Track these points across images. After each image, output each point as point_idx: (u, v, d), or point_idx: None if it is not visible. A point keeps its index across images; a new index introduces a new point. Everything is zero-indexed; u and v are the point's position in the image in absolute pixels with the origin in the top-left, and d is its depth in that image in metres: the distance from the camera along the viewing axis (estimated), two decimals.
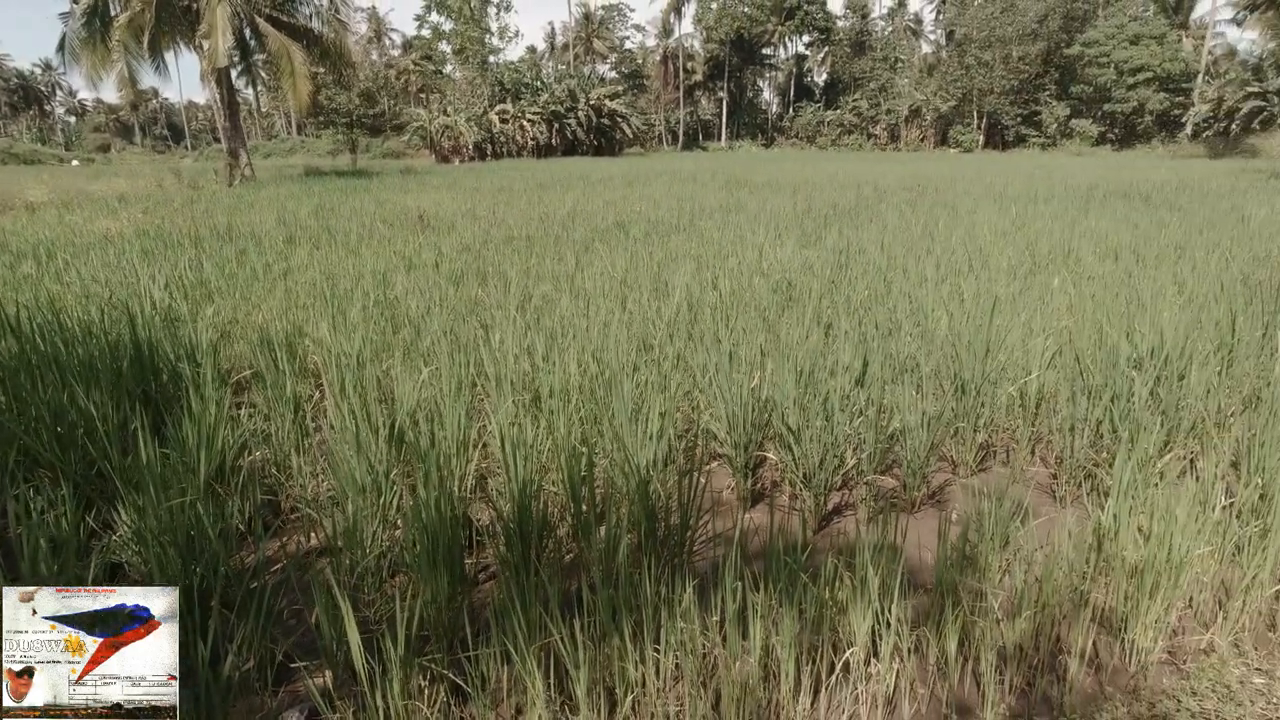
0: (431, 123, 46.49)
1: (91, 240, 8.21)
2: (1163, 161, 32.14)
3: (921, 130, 59.07)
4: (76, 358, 3.35)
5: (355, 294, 5.04)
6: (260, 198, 14.44)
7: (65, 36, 19.33)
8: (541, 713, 1.65)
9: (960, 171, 22.46)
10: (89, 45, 18.40)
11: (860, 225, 8.92)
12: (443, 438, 2.62)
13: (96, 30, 18.32)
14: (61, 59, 19.79)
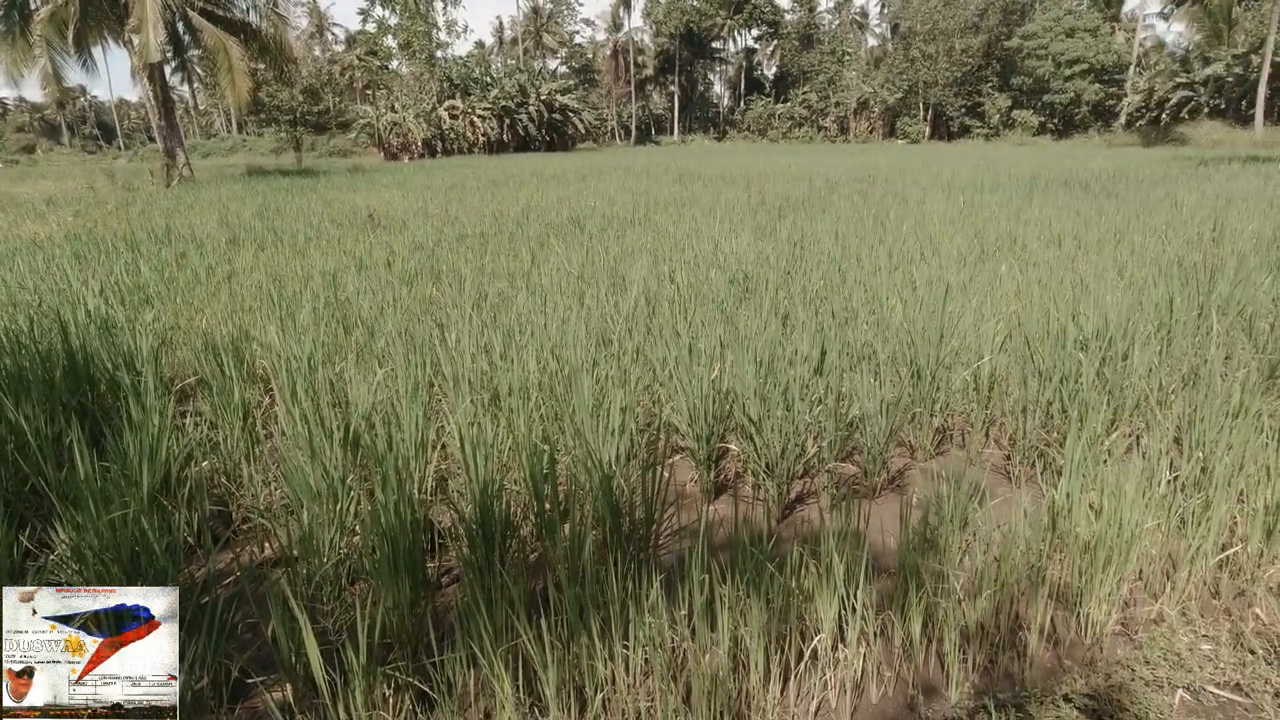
0: (379, 120, 45.52)
1: (17, 246, 7.82)
2: (1099, 150, 33.31)
3: (870, 122, 60.14)
4: (4, 369, 3.18)
5: (304, 296, 4.90)
6: (200, 199, 13.96)
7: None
8: (511, 716, 1.61)
9: (909, 162, 22.91)
10: (8, 40, 17.46)
11: (814, 216, 9.02)
12: (400, 440, 2.55)
13: (15, 24, 17.39)
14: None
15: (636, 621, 1.81)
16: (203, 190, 16.50)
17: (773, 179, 15.94)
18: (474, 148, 47.92)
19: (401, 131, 45.40)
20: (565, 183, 16.11)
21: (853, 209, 9.71)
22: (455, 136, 47.39)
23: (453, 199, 12.84)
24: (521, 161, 31.12)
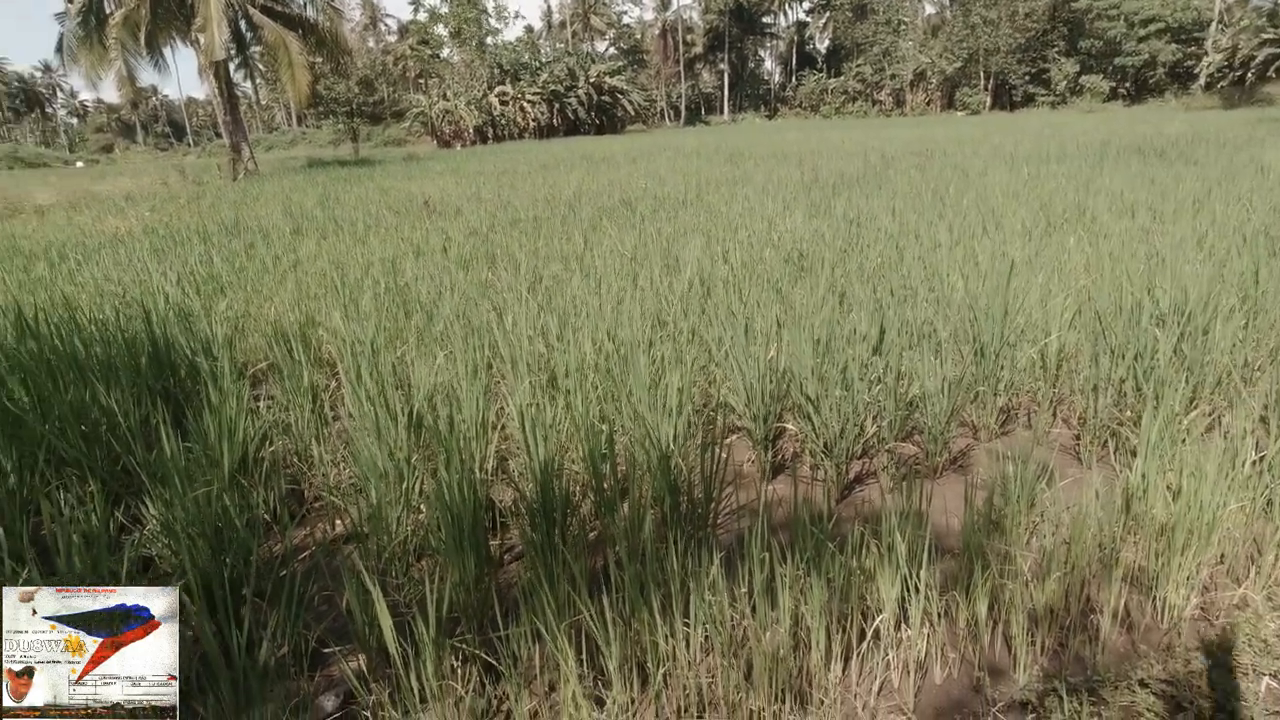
0: (431, 108, 46.22)
1: (101, 240, 8.25)
2: (1176, 115, 31.49)
3: (927, 94, 58.20)
4: (95, 357, 3.37)
5: (365, 282, 5.04)
6: (265, 191, 14.44)
7: (62, 37, 19.29)
8: (575, 689, 1.65)
9: (968, 134, 22.11)
10: (86, 44, 18.34)
11: (869, 193, 8.81)
12: (461, 421, 2.61)
13: (93, 29, 18.25)
14: (60, 60, 19.77)
15: (696, 599, 1.82)
16: (267, 183, 17.07)
17: (826, 155, 15.61)
18: (524, 133, 48.26)
19: (453, 119, 46.02)
20: (615, 165, 16.09)
21: (910, 184, 9.44)
22: (506, 122, 47.80)
23: (505, 184, 12.97)
24: (571, 145, 31.21)
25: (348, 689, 1.94)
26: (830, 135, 26.63)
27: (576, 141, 37.09)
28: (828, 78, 64.93)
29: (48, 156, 53.10)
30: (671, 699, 1.79)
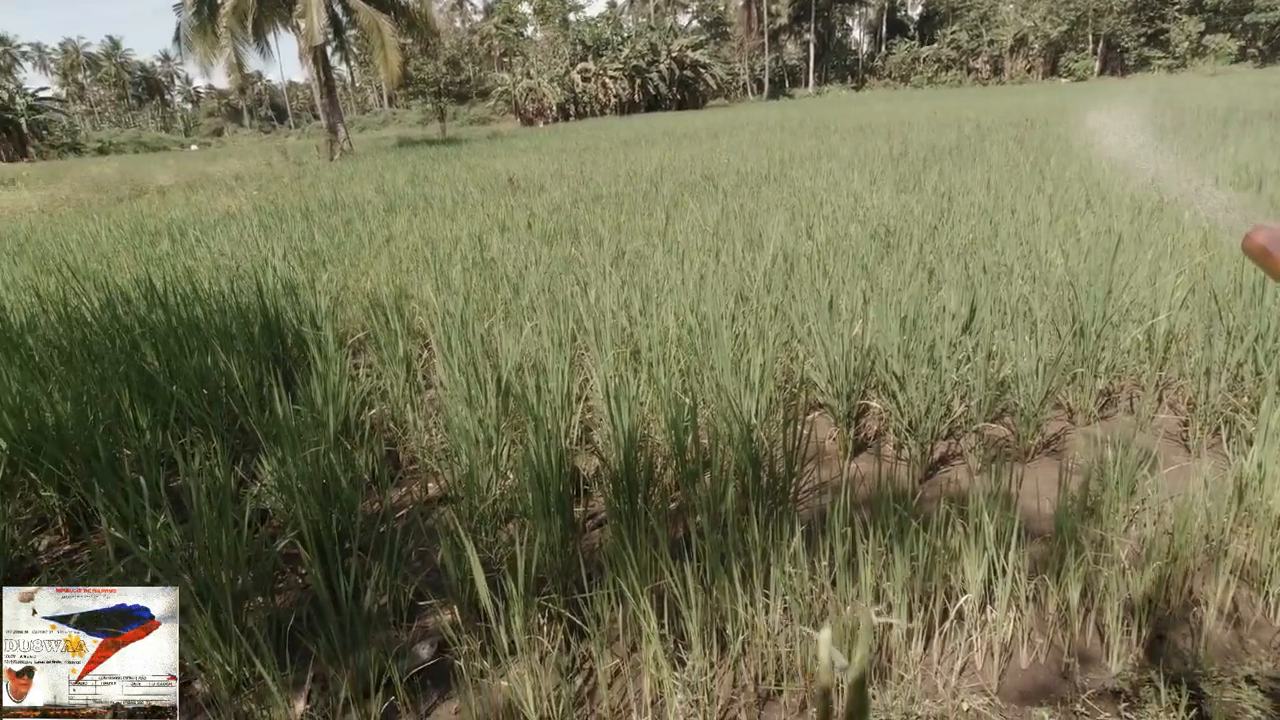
0: (515, 86, 46.89)
1: (216, 218, 8.82)
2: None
3: (1028, 60, 54.88)
4: (214, 325, 3.64)
5: (454, 257, 5.22)
6: (359, 170, 15.06)
7: (179, 27, 20.58)
8: (657, 650, 1.71)
9: (1073, 102, 20.77)
10: (200, 33, 19.52)
11: (962, 166, 8.44)
12: (548, 391, 2.70)
13: (206, 18, 19.40)
14: (178, 49, 21.11)
15: (777, 570, 1.84)
16: (361, 162, 17.78)
17: (917, 127, 15.00)
18: (605, 109, 48.36)
19: (536, 96, 46.56)
20: (697, 140, 15.96)
21: (1007, 156, 8.98)
22: (588, 99, 48.02)
23: (586, 160, 13.08)
24: (652, 121, 31.06)
25: (441, 639, 2.06)
26: (921, 106, 25.53)
27: (657, 117, 36.89)
28: (920, 46, 62.07)
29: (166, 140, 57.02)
30: (750, 666, 1.83)
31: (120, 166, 21.34)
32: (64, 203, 13.63)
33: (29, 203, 13.24)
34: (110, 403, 2.92)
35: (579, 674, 1.92)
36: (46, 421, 2.70)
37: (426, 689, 1.93)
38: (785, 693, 1.79)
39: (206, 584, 1.94)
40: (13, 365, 3.05)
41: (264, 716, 1.77)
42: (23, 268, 6.06)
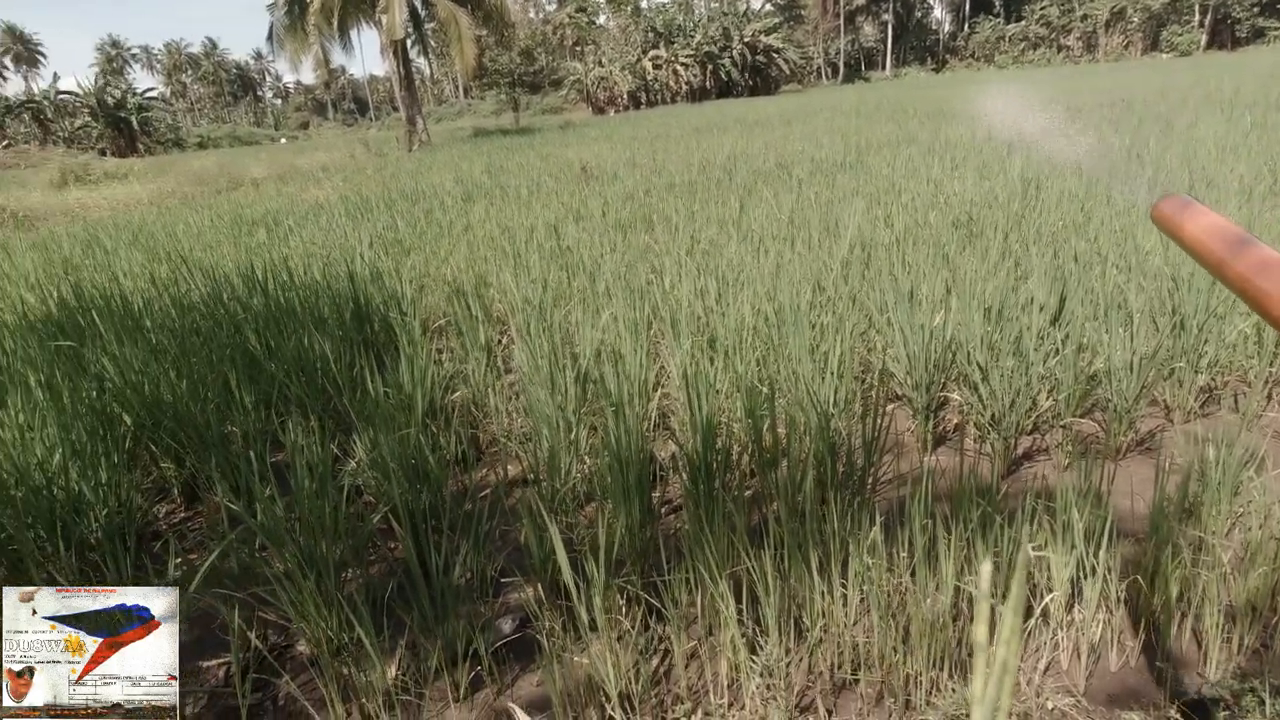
0: (587, 75, 47.19)
1: (306, 208, 9.26)
2: None
3: (1126, 35, 51.67)
4: (309, 310, 3.85)
5: (531, 245, 5.33)
6: (437, 160, 15.49)
7: (272, 26, 21.60)
8: (734, 634, 1.74)
9: (1174, 79, 19.48)
10: (290, 31, 20.45)
11: (1050, 152, 8.05)
12: (625, 377, 2.75)
13: (296, 16, 20.28)
14: (270, 47, 22.20)
15: (855, 559, 1.84)
16: (438, 152, 18.28)
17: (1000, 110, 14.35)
18: (676, 97, 48.15)
19: (608, 85, 46.73)
20: (770, 127, 15.74)
21: (1100, 139, 8.53)
22: (659, 86, 47.90)
23: (658, 149, 13.08)
24: (724, 108, 30.73)
25: (523, 615, 2.15)
26: (1007, 88, 24.41)
27: (729, 104, 36.48)
28: (1006, 23, 59.20)
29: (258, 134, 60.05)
30: (826, 654, 1.84)
31: (219, 160, 22.60)
32: (170, 195, 14.56)
33: (140, 195, 14.21)
34: (219, 382, 3.14)
35: (655, 654, 1.97)
36: (165, 398, 2.93)
37: (509, 661, 2.02)
38: (862, 682, 1.80)
39: (309, 553, 2.08)
40: (136, 346, 3.31)
41: (361, 678, 1.89)
42: (139, 255, 6.53)
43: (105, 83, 57.88)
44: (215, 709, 1.99)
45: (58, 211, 12.57)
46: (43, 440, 2.48)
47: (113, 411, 2.87)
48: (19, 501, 2.26)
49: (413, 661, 2.00)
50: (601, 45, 53.60)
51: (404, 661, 2.01)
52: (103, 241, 7.92)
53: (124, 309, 3.92)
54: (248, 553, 2.31)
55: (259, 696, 2.00)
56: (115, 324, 3.65)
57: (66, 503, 2.35)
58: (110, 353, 3.27)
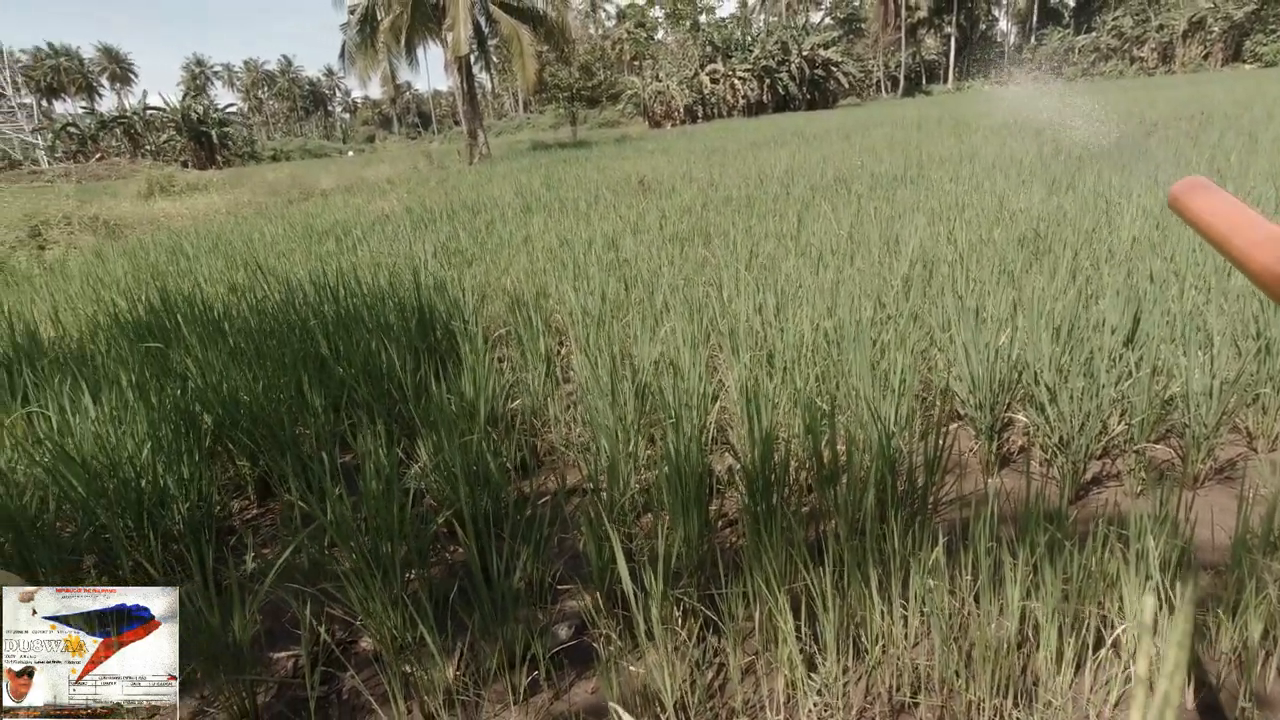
0: (644, 90, 47.63)
1: (372, 219, 9.58)
2: None
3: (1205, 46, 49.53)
4: (376, 317, 3.98)
5: (589, 257, 5.41)
6: (497, 173, 15.83)
7: (344, 45, 22.50)
8: (792, 650, 1.73)
9: (1260, 91, 18.60)
10: (361, 49, 21.29)
11: (1125, 165, 7.79)
12: (684, 390, 2.77)
13: (367, 35, 21.09)
14: (341, 65, 23.12)
15: (917, 581, 1.82)
16: (498, 165, 18.69)
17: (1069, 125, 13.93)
18: (733, 111, 48.20)
19: (665, 99, 47.08)
20: (828, 141, 15.61)
21: (1177, 154, 8.20)
22: (715, 100, 48.02)
23: (715, 163, 13.11)
24: (781, 122, 30.60)
25: (579, 622, 2.18)
26: (1076, 101, 23.69)
27: (786, 118, 36.31)
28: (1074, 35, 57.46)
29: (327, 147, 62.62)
30: (885, 675, 1.81)
31: (290, 172, 23.57)
32: (245, 205, 15.26)
33: (218, 205, 14.94)
34: (292, 384, 3.27)
35: (710, 667, 1.98)
36: (242, 399, 3.07)
37: (565, 667, 2.05)
38: (922, 706, 1.77)
39: (375, 551, 2.15)
40: (217, 349, 3.48)
41: (423, 676, 1.95)
42: (218, 262, 6.87)
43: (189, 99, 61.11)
44: (285, 699, 2.07)
45: (145, 220, 13.31)
46: (132, 436, 2.63)
47: (194, 410, 3.02)
48: (111, 493, 2.40)
49: (472, 662, 2.05)
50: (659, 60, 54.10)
51: (463, 662, 2.06)
52: (185, 249, 8.35)
53: (206, 314, 4.13)
54: (317, 550, 2.40)
55: (325, 690, 2.07)
56: (198, 327, 3.85)
57: (153, 495, 2.49)
58: (193, 355, 3.45)
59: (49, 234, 11.55)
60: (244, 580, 2.41)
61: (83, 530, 2.39)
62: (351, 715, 1.99)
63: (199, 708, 2.04)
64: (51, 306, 5.50)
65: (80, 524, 2.40)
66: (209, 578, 2.00)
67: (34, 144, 55.41)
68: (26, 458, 2.63)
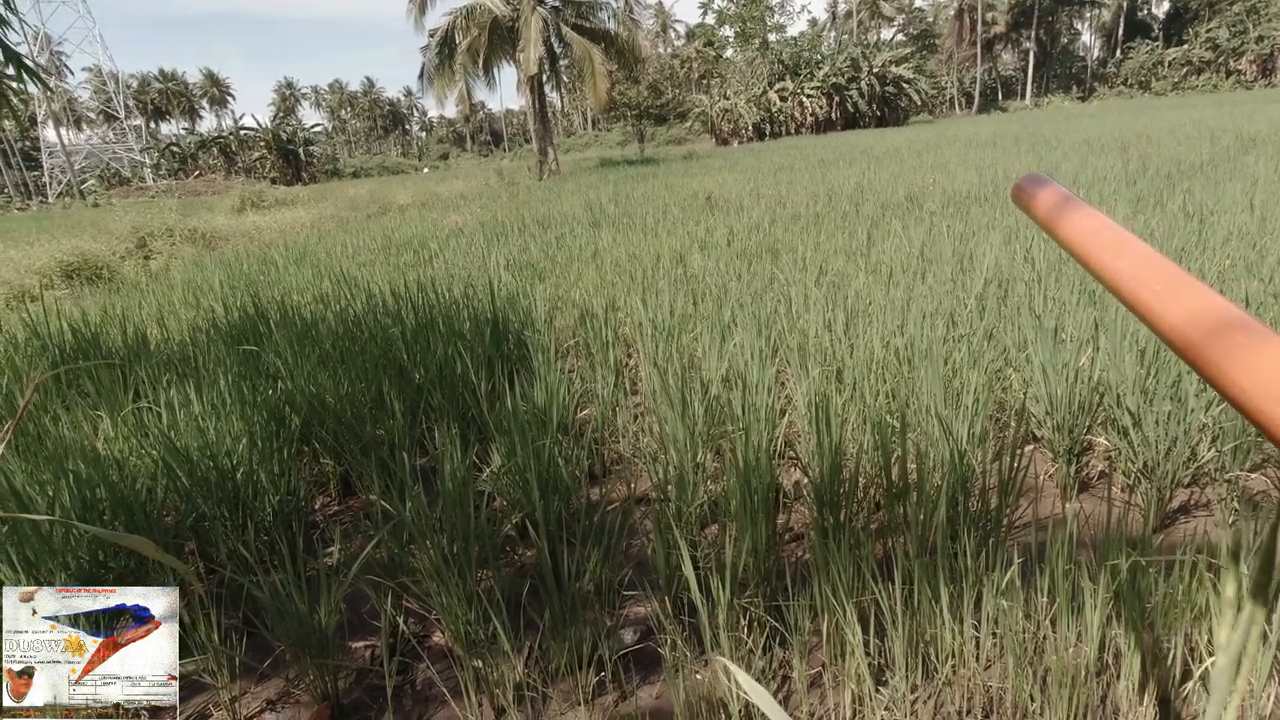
0: (712, 107, 47.86)
1: (446, 233, 9.93)
2: None
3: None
4: (451, 327, 4.14)
5: (658, 271, 5.48)
6: (565, 189, 16.16)
7: (424, 67, 23.46)
8: (860, 664, 1.73)
9: None
10: (440, 71, 22.14)
11: (1217, 182, 7.43)
12: (753, 404, 2.79)
13: (445, 57, 21.93)
14: (420, 86, 24.09)
15: (990, 602, 1.79)
16: (567, 181, 19.07)
17: (1157, 141, 13.36)
18: (801, 128, 47.93)
19: (732, 117, 47.19)
20: (899, 159, 15.36)
21: (1277, 171, 7.77)
22: (783, 118, 47.85)
23: (783, 180, 13.07)
24: (850, 139, 30.28)
25: (644, 628, 2.22)
26: (1164, 116, 22.65)
27: (855, 135, 35.88)
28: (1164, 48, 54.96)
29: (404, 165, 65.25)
30: (955, 695, 1.79)
31: (370, 188, 24.64)
32: (328, 219, 16.03)
33: (303, 219, 15.75)
34: (373, 389, 3.43)
35: (775, 678, 1.98)
36: (327, 401, 3.24)
37: (630, 670, 2.08)
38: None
39: (450, 550, 2.24)
40: (305, 353, 3.68)
41: (493, 671, 2.02)
42: (305, 272, 7.24)
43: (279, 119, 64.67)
44: (363, 685, 2.17)
45: (238, 233, 14.14)
46: (229, 433, 2.81)
47: (284, 411, 3.21)
48: (212, 484, 2.57)
49: (540, 660, 2.11)
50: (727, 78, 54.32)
51: (532, 659, 2.12)
52: (274, 259, 8.83)
53: (295, 320, 4.37)
54: (396, 546, 2.51)
55: (400, 679, 2.16)
56: (287, 332, 4.08)
57: (247, 488, 2.65)
58: (283, 358, 3.66)
59: (154, 245, 12.41)
60: (328, 571, 2.54)
61: (185, 517, 2.56)
62: (425, 706, 2.08)
63: (286, 688, 2.16)
64: (157, 311, 5.91)
65: (183, 512, 2.58)
66: (299, 567, 2.12)
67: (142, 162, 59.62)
68: (137, 449, 2.84)
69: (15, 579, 2.12)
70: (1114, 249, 0.61)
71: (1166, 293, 0.52)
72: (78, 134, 79.21)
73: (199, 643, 2.05)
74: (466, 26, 21.92)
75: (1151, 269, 0.56)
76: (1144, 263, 0.57)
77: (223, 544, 2.45)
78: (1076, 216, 0.75)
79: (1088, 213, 0.76)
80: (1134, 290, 0.55)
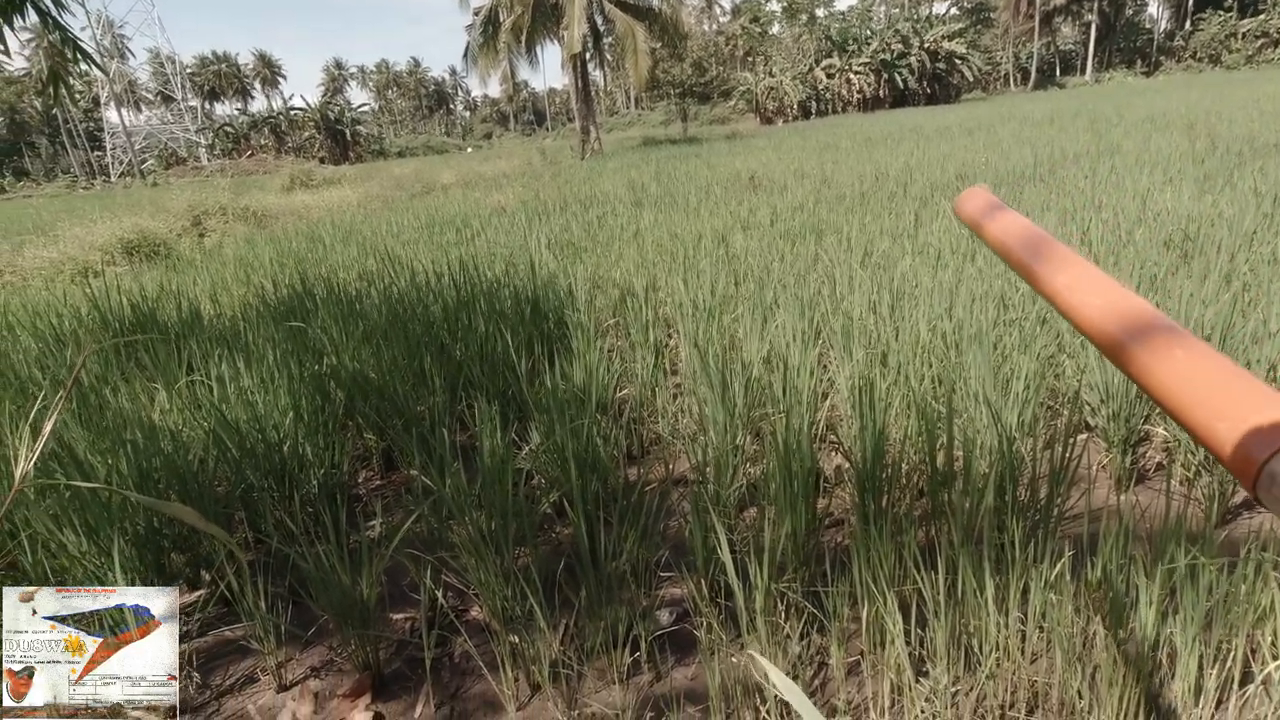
0: (757, 85, 47.08)
1: (488, 212, 9.98)
2: None
3: None
4: (492, 305, 4.16)
5: (699, 251, 5.42)
6: (608, 168, 16.10)
7: (468, 46, 23.52)
8: (900, 654, 1.69)
9: None
10: (484, 50, 22.20)
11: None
12: (794, 387, 2.75)
13: (490, 36, 21.97)
14: (464, 65, 24.17)
15: (1037, 594, 1.73)
16: (609, 160, 18.98)
17: (1228, 118, 12.69)
18: (848, 106, 46.87)
19: (778, 95, 46.37)
20: (949, 138, 14.90)
21: None
22: (830, 96, 46.83)
23: (827, 159, 12.80)
24: (898, 117, 29.49)
25: (680, 609, 2.21)
26: (1236, 91, 21.50)
27: (904, 113, 34.92)
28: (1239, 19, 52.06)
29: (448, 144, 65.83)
30: (999, 688, 1.74)
31: (415, 167, 24.94)
32: (374, 198, 16.27)
33: (350, 198, 16.01)
34: (415, 365, 3.47)
35: (811, 664, 1.96)
36: (370, 377, 3.29)
37: (665, 651, 2.08)
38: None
39: (488, 526, 2.26)
40: (349, 330, 3.74)
41: (529, 647, 2.03)
42: (351, 250, 7.37)
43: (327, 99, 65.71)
44: (403, 656, 2.22)
45: (287, 211, 14.46)
46: (277, 407, 2.88)
47: (328, 386, 3.27)
48: (259, 456, 2.64)
49: (576, 638, 2.12)
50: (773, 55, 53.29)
51: (568, 637, 2.13)
52: (322, 237, 9.00)
53: (340, 297, 4.44)
54: (436, 520, 2.54)
55: (438, 652, 2.20)
56: (332, 309, 4.15)
57: (294, 461, 2.71)
58: (328, 334, 3.73)
59: (208, 223, 12.77)
60: (369, 544, 2.59)
61: (235, 488, 2.64)
62: (462, 679, 2.11)
63: (329, 656, 2.21)
64: (211, 287, 6.08)
65: (233, 482, 2.65)
66: (343, 539, 2.16)
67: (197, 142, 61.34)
68: (190, 421, 2.93)
69: (78, 543, 2.20)
70: (1048, 259, 0.66)
71: (1093, 296, 0.58)
72: (137, 115, 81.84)
73: (247, 610, 2.11)
74: (510, 4, 21.89)
75: (1077, 272, 0.62)
76: (1070, 267, 0.63)
77: (270, 514, 2.51)
78: (1005, 223, 0.75)
79: (1015, 219, 0.75)
80: (1063, 295, 0.62)
